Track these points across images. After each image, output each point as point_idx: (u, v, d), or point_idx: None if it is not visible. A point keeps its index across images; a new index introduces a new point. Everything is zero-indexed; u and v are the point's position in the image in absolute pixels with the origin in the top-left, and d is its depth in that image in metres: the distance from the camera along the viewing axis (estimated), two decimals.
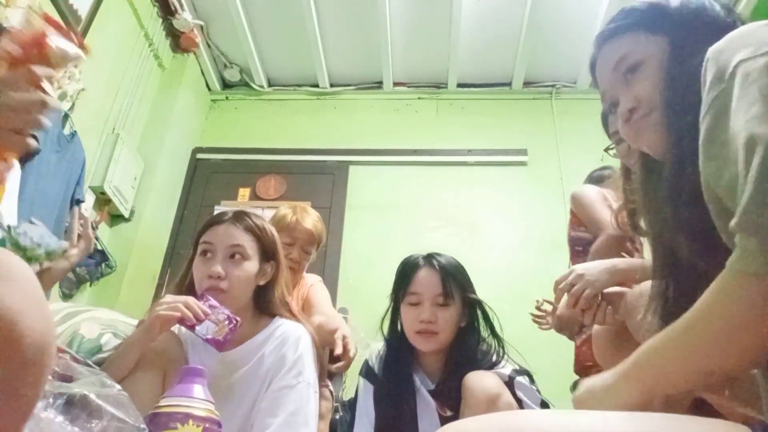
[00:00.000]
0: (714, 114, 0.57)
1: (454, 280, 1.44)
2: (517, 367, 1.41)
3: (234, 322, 1.21)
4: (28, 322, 0.57)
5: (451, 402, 1.33)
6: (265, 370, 1.26)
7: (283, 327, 1.34)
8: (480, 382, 1.23)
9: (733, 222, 0.52)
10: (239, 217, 1.37)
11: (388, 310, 1.52)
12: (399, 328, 1.49)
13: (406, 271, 1.48)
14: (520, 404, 1.29)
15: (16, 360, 0.57)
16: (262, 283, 1.36)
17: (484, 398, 1.19)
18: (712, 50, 0.60)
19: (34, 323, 0.58)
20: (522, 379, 1.35)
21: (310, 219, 1.98)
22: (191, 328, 1.20)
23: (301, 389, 1.23)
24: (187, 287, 1.36)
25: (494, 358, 1.41)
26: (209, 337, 1.19)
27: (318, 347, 1.39)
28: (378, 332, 1.55)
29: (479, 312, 1.48)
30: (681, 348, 0.60)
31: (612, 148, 1.30)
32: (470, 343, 1.43)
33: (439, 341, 1.41)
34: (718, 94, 0.56)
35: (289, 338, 1.30)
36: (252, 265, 1.33)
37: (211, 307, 1.22)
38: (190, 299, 1.22)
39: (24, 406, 0.60)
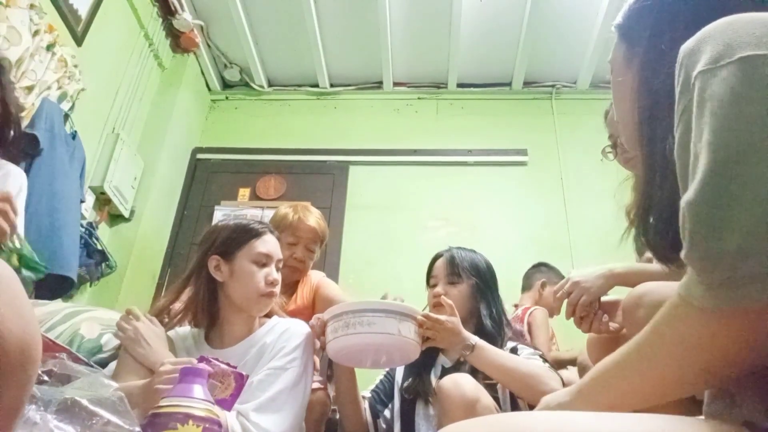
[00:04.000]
0: (681, 131, 0.52)
1: (462, 263, 1.62)
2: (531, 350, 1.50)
3: (242, 377, 1.16)
4: (7, 324, 0.57)
5: None
6: (268, 357, 1.27)
7: (285, 323, 1.37)
8: (457, 386, 1.22)
9: (682, 253, 0.50)
10: (273, 229, 1.45)
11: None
12: None
13: (430, 264, 1.70)
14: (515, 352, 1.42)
15: None
16: None
17: (462, 403, 1.18)
18: (683, 50, 0.53)
19: (12, 325, 0.57)
20: (524, 348, 1.48)
21: (313, 217, 1.98)
22: None
23: (292, 373, 1.24)
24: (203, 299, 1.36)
25: (507, 332, 1.53)
26: (217, 398, 1.08)
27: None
28: None
29: (488, 293, 1.60)
30: (635, 371, 0.58)
31: (609, 152, 1.31)
32: (479, 318, 1.55)
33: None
34: (685, 107, 0.52)
35: (291, 328, 1.34)
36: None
37: (211, 366, 1.12)
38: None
39: (10, 409, 0.60)
